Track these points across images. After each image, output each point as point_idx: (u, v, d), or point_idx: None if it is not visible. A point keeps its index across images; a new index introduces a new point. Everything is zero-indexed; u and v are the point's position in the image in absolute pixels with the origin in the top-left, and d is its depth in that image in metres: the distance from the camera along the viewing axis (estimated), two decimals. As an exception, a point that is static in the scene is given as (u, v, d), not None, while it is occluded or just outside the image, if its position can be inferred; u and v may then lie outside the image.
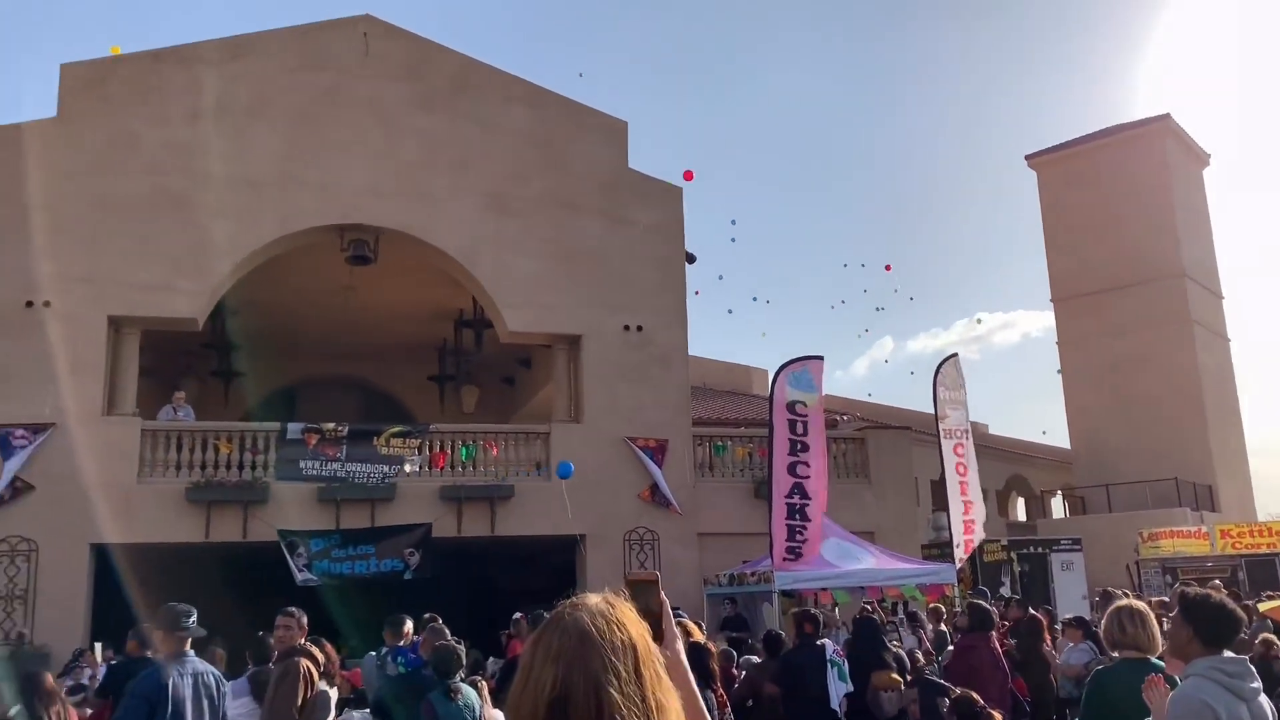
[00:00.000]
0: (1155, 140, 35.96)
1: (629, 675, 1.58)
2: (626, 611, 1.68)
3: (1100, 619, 13.27)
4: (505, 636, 14.47)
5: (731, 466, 18.77)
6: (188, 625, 6.07)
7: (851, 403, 33.54)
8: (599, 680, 1.56)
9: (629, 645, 1.62)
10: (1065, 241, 36.39)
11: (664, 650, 1.74)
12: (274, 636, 7.20)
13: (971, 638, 9.64)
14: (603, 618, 1.64)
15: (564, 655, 1.59)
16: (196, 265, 16.33)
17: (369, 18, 18.13)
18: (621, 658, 1.59)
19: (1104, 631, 4.84)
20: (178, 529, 15.57)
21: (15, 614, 14.57)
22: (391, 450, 16.64)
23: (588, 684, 1.56)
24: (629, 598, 1.77)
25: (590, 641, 1.59)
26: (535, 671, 1.60)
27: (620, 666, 1.58)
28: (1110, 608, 4.91)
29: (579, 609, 1.66)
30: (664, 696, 1.63)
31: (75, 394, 15.40)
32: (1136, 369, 33.98)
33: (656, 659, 1.66)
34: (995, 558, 21.18)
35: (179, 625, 6.05)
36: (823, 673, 9.11)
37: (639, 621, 1.68)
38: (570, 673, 1.57)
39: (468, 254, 17.63)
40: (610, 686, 1.56)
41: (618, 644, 1.60)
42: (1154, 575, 23.84)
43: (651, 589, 1.90)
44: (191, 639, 6.13)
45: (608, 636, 1.61)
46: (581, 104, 19.19)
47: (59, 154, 16.11)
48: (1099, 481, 32.90)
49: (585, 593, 1.73)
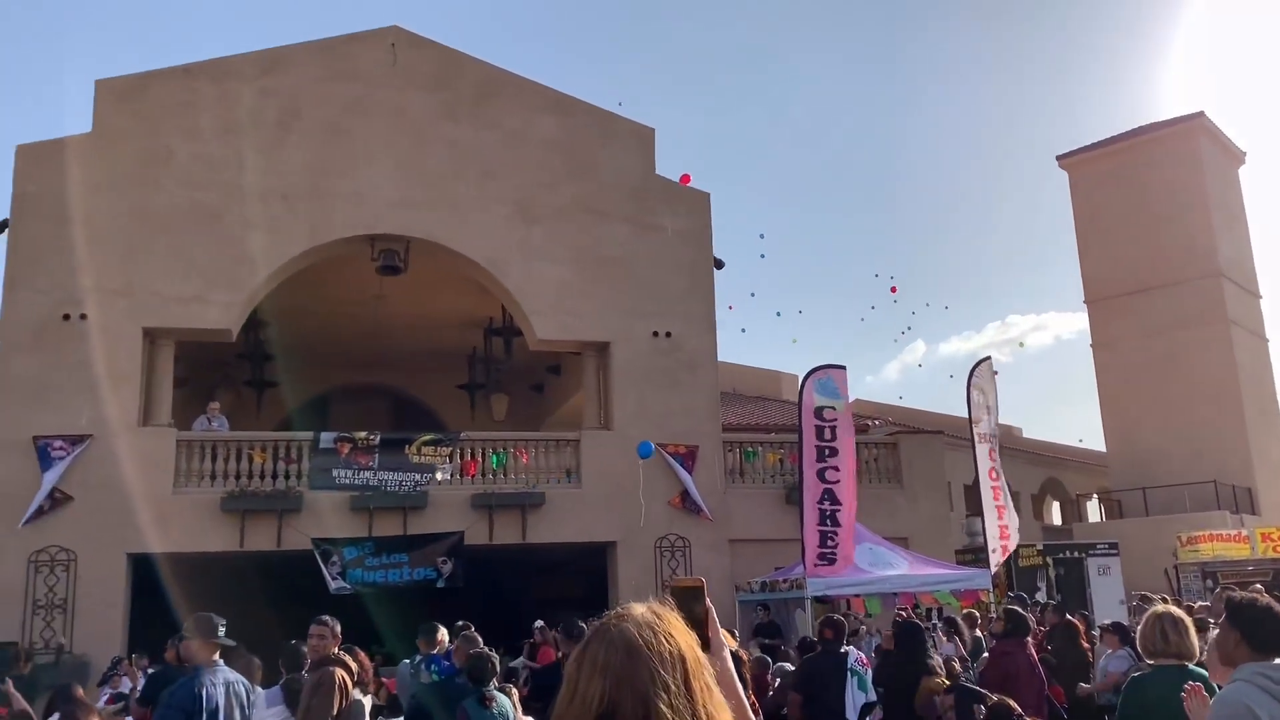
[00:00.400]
0: (1189, 138, 35.50)
1: (679, 688, 1.53)
2: (674, 622, 1.62)
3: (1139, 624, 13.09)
4: (527, 645, 14.49)
5: (762, 472, 18.70)
6: (221, 634, 6.13)
7: (883, 407, 33.34)
8: (648, 694, 1.50)
9: (678, 657, 1.56)
10: (1098, 242, 35.99)
11: (712, 660, 1.68)
12: (308, 645, 7.21)
13: (1007, 644, 9.53)
14: (650, 629, 1.58)
15: (611, 668, 1.53)
16: (230, 277, 16.51)
17: (397, 29, 18.28)
18: (671, 670, 1.53)
19: (1142, 638, 4.70)
20: (213, 538, 15.72)
21: (55, 623, 14.76)
22: (423, 458, 16.72)
23: (636, 698, 1.50)
24: (673, 605, 1.71)
25: (638, 654, 1.54)
26: (582, 685, 1.55)
27: (669, 679, 1.52)
28: (1148, 614, 4.78)
29: (625, 620, 1.60)
30: (715, 710, 1.57)
31: (112, 405, 15.60)
32: (1173, 370, 33.52)
33: (707, 670, 1.60)
34: (1031, 562, 20.97)
35: (215, 633, 6.11)
36: (841, 681, 8.92)
37: (687, 632, 1.62)
38: (618, 687, 1.51)
39: (496, 262, 17.71)
40: (660, 700, 1.50)
41: (666, 656, 1.55)
42: (1193, 580, 23.49)
43: (697, 595, 1.84)
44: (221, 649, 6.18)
45: (656, 648, 1.55)
46: (608, 111, 19.24)
47: (95, 169, 16.35)
48: (1135, 485, 32.47)
49: (630, 603, 1.67)
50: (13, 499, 14.96)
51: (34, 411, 15.31)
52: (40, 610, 14.77)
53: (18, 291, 15.71)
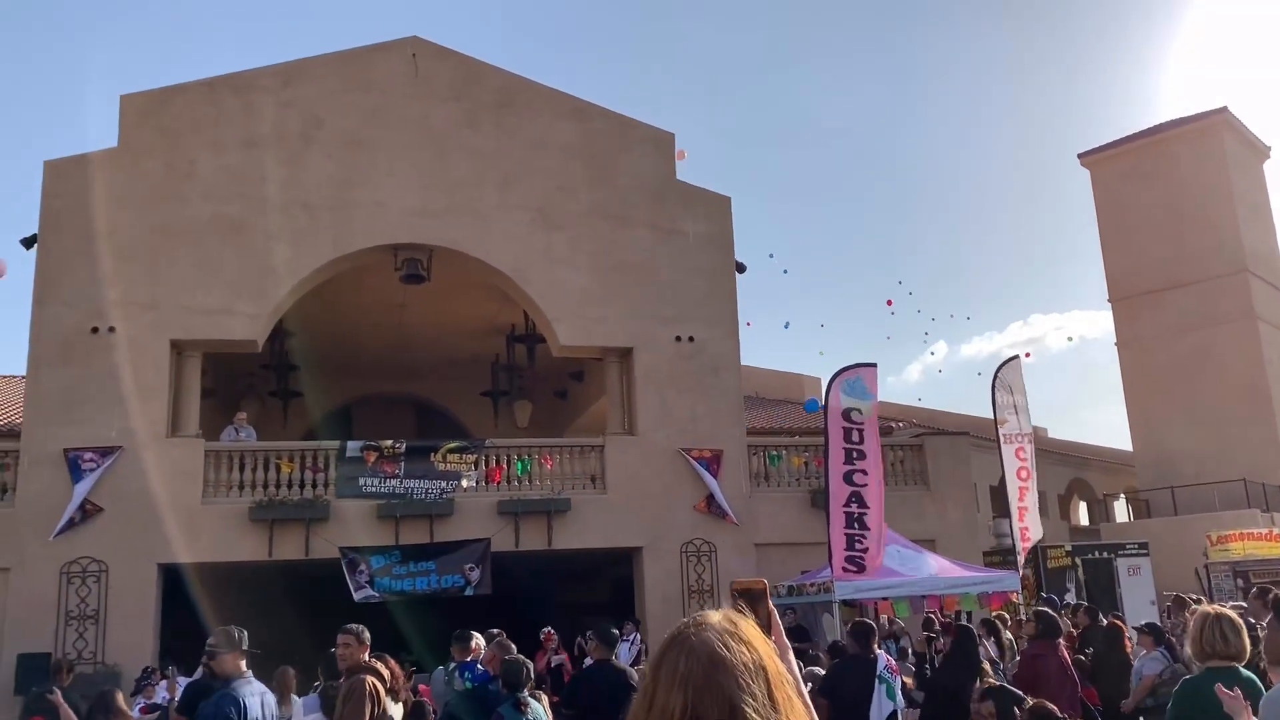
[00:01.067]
0: (1212, 134, 35.20)
1: (763, 698, 1.48)
2: (752, 629, 1.58)
3: (1172, 625, 12.92)
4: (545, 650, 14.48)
5: (787, 476, 18.65)
6: (245, 644, 6.20)
7: (907, 409, 33.18)
8: (734, 704, 1.46)
9: (759, 666, 1.51)
10: (1122, 240, 35.73)
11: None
12: (336, 654, 7.21)
13: (1039, 645, 9.47)
14: (731, 636, 1.53)
15: (693, 679, 1.48)
16: (255, 288, 16.63)
17: (416, 39, 18.37)
18: (754, 679, 1.49)
19: (1199, 640, 4.55)
20: (242, 548, 15.81)
21: (87, 634, 14.89)
22: (449, 466, 16.78)
23: (721, 710, 1.46)
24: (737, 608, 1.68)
25: (721, 663, 1.49)
26: (660, 696, 1.50)
27: (755, 689, 1.48)
28: (1201, 615, 4.65)
29: (704, 628, 1.55)
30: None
31: (140, 417, 15.74)
32: (1199, 368, 33.21)
33: (787, 680, 1.56)
34: (1060, 563, 20.81)
35: (241, 644, 6.16)
36: (869, 687, 8.82)
37: (766, 641, 1.58)
38: (700, 697, 1.47)
39: (518, 269, 17.76)
40: (747, 709, 1.46)
41: (749, 665, 1.50)
42: (1224, 579, 23.24)
43: (759, 597, 1.80)
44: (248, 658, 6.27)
45: (738, 657, 1.50)
46: (627, 117, 19.26)
47: (121, 183, 16.51)
48: (1163, 484, 32.16)
49: (705, 610, 1.62)
50: (45, 511, 15.11)
51: (64, 424, 15.46)
52: (73, 621, 14.90)
53: (47, 306, 15.88)
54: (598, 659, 8.33)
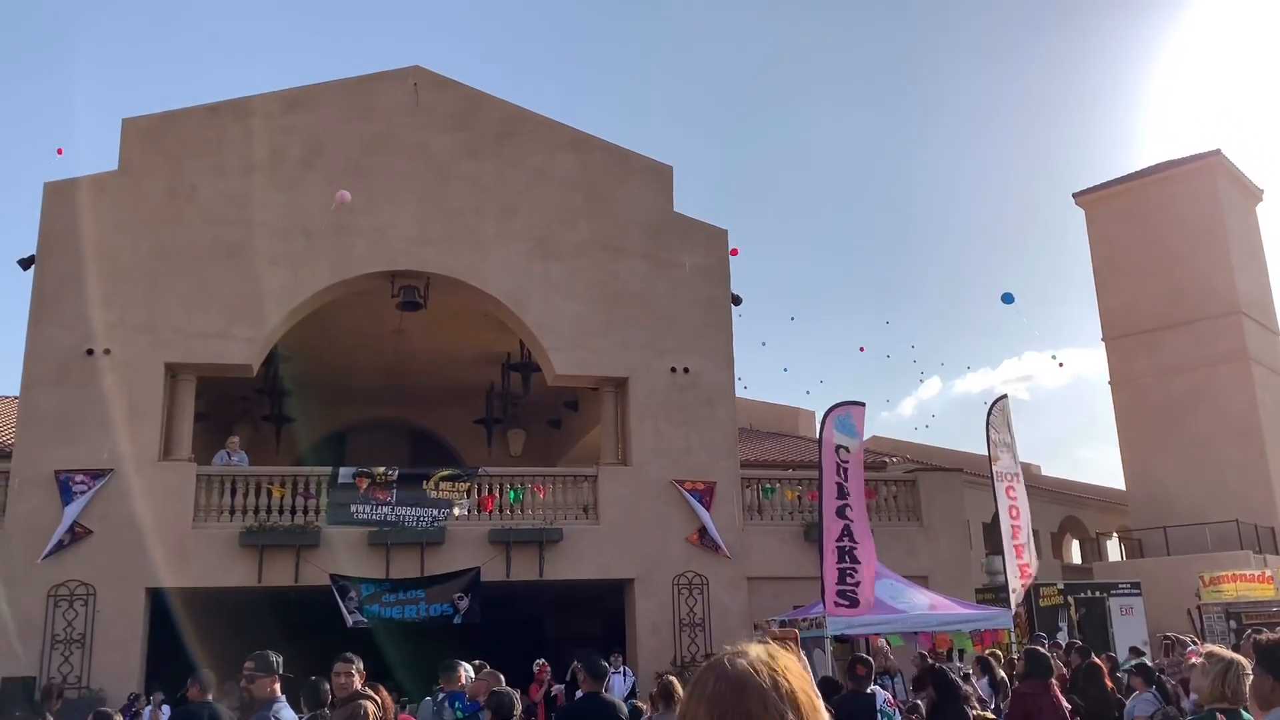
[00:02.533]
0: (1206, 175, 35.47)
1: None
2: (789, 660, 1.62)
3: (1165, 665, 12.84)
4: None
5: (780, 509, 18.60)
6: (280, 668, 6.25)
7: (901, 444, 33.19)
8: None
9: (789, 694, 1.55)
10: (1116, 279, 35.90)
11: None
12: (334, 683, 7.21)
13: (1030, 684, 9.41)
14: (765, 665, 1.58)
15: (720, 698, 1.54)
16: (251, 313, 16.64)
17: (418, 69, 18.51)
18: (781, 704, 1.53)
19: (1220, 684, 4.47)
20: (231, 573, 15.72)
21: (73, 658, 14.75)
22: (441, 494, 16.73)
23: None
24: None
25: (748, 685, 1.54)
26: (689, 714, 1.57)
27: (779, 714, 1.52)
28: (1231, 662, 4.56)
29: (741, 655, 1.61)
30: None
31: (133, 440, 15.69)
32: (1192, 408, 33.26)
33: (819, 712, 1.59)
34: (1052, 602, 20.77)
35: (278, 668, 6.23)
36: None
37: (803, 674, 1.62)
38: (725, 716, 1.52)
39: (515, 298, 17.80)
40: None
41: (781, 693, 1.54)
42: (1217, 620, 23.19)
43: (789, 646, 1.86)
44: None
45: (769, 683, 1.55)
46: (626, 149, 19.39)
47: (120, 206, 16.56)
48: (1156, 523, 32.11)
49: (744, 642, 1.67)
50: (34, 533, 15.02)
51: (56, 446, 15.41)
52: (59, 645, 14.77)
53: (42, 327, 15.87)
54: (587, 691, 8.27)
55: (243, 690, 6.13)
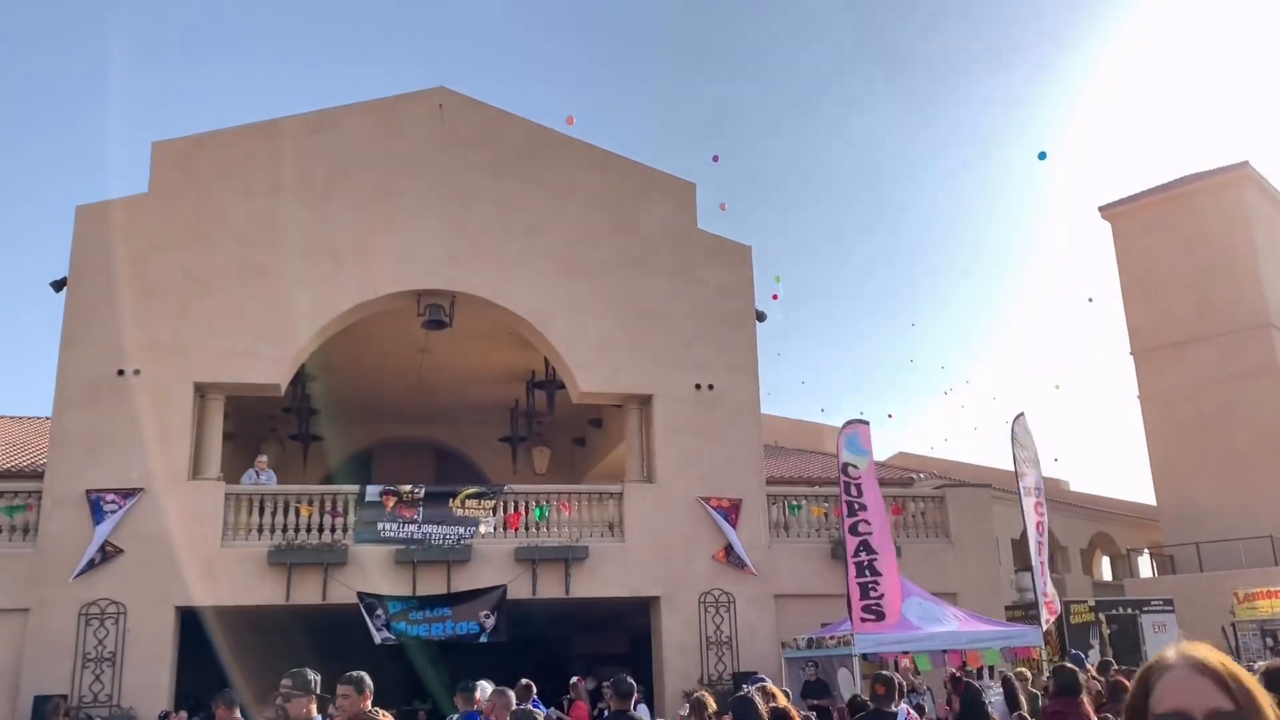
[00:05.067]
0: (1234, 187, 35.15)
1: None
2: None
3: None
4: (566, 701, 14.42)
5: (807, 526, 18.50)
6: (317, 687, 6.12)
7: (928, 460, 32.98)
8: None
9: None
10: (1144, 293, 35.59)
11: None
12: (336, 705, 6.85)
13: (1060, 702, 9.33)
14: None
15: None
16: (279, 332, 16.79)
17: (444, 90, 18.68)
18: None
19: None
20: (260, 591, 15.80)
21: (104, 676, 14.86)
22: (467, 511, 16.77)
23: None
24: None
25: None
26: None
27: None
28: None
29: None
30: None
31: (162, 459, 15.84)
32: (1223, 422, 32.86)
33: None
34: (1083, 619, 20.53)
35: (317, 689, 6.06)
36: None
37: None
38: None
39: (540, 316, 17.87)
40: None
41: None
42: (1252, 638, 22.83)
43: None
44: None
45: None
46: (650, 167, 19.46)
47: (151, 228, 16.77)
48: (1188, 539, 31.70)
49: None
50: (66, 551, 15.17)
51: (87, 465, 15.58)
52: (90, 663, 14.89)
53: (74, 348, 16.07)
54: (615, 709, 8.27)
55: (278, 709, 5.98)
